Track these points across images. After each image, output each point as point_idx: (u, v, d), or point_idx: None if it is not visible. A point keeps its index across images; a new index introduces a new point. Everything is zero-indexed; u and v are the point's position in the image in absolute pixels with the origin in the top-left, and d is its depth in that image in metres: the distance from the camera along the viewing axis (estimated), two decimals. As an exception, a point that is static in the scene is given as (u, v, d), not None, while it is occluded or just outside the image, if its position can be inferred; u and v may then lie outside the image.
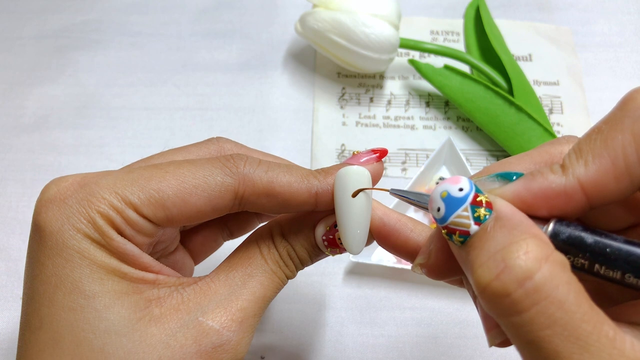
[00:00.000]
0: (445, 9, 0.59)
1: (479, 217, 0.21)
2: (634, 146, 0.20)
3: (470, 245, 0.21)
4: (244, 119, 0.53)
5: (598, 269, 0.21)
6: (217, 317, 0.25)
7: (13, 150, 0.51)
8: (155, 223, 0.26)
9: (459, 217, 0.21)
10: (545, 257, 0.19)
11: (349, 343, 0.42)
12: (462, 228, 0.21)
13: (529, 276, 0.18)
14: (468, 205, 0.21)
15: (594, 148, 0.21)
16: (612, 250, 0.20)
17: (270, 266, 0.28)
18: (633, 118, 0.20)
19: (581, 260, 0.21)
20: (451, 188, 0.22)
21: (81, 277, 0.24)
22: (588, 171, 0.20)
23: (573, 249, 0.21)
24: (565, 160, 0.21)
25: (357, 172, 0.26)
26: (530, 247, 0.19)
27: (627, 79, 0.55)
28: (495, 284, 0.19)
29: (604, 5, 0.59)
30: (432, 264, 0.25)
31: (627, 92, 0.21)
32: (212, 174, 0.26)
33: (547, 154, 0.24)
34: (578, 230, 0.21)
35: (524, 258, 0.19)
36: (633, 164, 0.20)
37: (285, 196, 0.27)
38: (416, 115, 0.53)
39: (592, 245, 0.21)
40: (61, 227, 0.24)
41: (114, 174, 0.26)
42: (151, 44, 0.57)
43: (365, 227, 0.27)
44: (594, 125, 0.22)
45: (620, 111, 0.21)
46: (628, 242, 0.20)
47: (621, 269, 0.20)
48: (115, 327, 0.24)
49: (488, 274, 0.19)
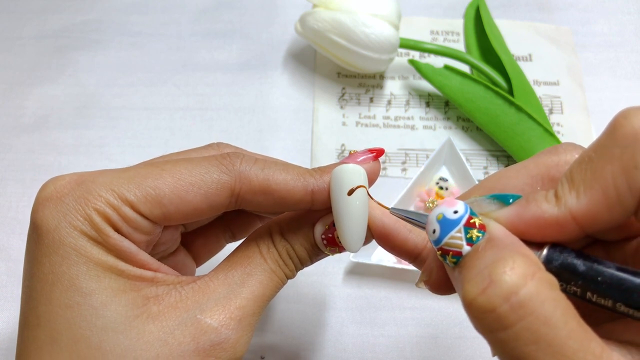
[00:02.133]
0: (445, 9, 0.59)
1: (472, 238, 0.21)
2: (624, 176, 0.20)
3: (461, 264, 0.21)
4: (244, 119, 0.53)
5: (590, 297, 0.21)
6: (216, 315, 0.25)
7: (13, 150, 0.51)
8: (152, 220, 0.26)
9: (452, 238, 0.21)
10: (531, 274, 0.19)
11: (349, 343, 0.42)
12: (455, 249, 0.21)
13: (514, 291, 0.18)
14: (462, 226, 0.21)
15: (585, 179, 0.21)
16: (604, 279, 0.20)
17: (269, 265, 0.28)
18: (622, 147, 0.20)
19: (573, 287, 0.21)
20: (447, 210, 0.22)
21: (78, 274, 0.24)
22: (580, 202, 0.21)
23: (566, 276, 0.21)
24: (559, 190, 0.21)
25: (353, 170, 0.27)
26: (517, 263, 0.19)
27: (627, 79, 0.55)
28: (481, 299, 0.19)
29: (604, 5, 0.59)
30: (434, 281, 0.25)
31: (615, 116, 0.21)
32: (209, 171, 0.26)
33: (545, 166, 0.24)
34: (571, 257, 0.21)
35: (509, 273, 0.19)
36: (624, 194, 0.20)
37: (282, 194, 0.27)
38: (416, 115, 0.53)
39: (584, 273, 0.21)
40: (58, 224, 0.24)
41: (111, 172, 0.26)
42: (151, 44, 0.57)
43: (362, 225, 0.27)
44: (585, 152, 0.22)
45: (608, 139, 0.21)
46: (621, 269, 0.20)
47: (612, 297, 0.20)
48: (112, 324, 0.24)
49: (474, 289, 0.19)
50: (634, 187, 0.19)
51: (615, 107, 0.57)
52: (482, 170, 0.50)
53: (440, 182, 0.48)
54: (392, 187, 0.48)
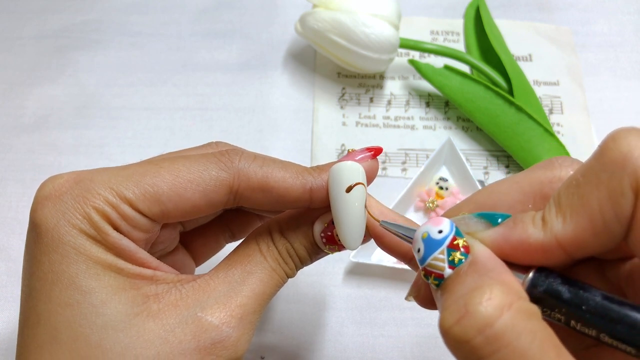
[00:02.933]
0: (445, 9, 0.59)
1: (453, 261, 0.21)
2: (611, 203, 0.19)
3: (442, 287, 0.21)
4: (244, 119, 0.53)
5: (574, 325, 0.20)
6: (217, 313, 0.25)
7: (13, 150, 0.51)
8: (151, 218, 0.26)
9: (435, 259, 0.21)
10: (508, 305, 0.18)
11: (348, 343, 0.42)
12: (437, 271, 0.21)
13: (489, 323, 0.18)
14: (445, 248, 0.21)
15: (572, 204, 0.20)
16: (589, 308, 0.20)
17: (269, 263, 0.28)
18: (609, 172, 0.19)
19: (557, 314, 0.20)
20: (431, 230, 0.22)
21: (77, 272, 0.24)
22: (566, 228, 0.20)
23: (550, 302, 0.20)
24: (546, 213, 0.21)
25: (350, 168, 0.27)
26: (494, 293, 0.19)
27: (627, 79, 0.55)
28: (456, 329, 0.19)
29: (604, 5, 0.59)
30: (423, 297, 0.25)
31: (604, 139, 0.20)
32: (207, 168, 0.26)
33: (538, 182, 0.23)
34: (556, 283, 0.21)
35: (485, 304, 0.18)
36: (611, 221, 0.19)
37: (280, 191, 0.27)
38: (416, 115, 0.53)
39: (569, 300, 0.20)
40: (57, 223, 0.24)
41: (109, 170, 0.26)
42: (151, 44, 0.57)
43: (361, 222, 0.27)
44: (573, 174, 0.21)
45: (597, 163, 0.20)
46: (607, 298, 0.20)
47: (596, 328, 0.19)
48: (112, 322, 0.24)
49: (450, 318, 0.19)
50: (620, 215, 0.19)
51: (615, 107, 0.57)
52: (482, 170, 0.50)
53: (440, 182, 0.48)
54: (392, 187, 0.48)
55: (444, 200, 0.47)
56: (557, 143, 0.48)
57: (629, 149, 0.19)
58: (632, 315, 0.19)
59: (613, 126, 0.59)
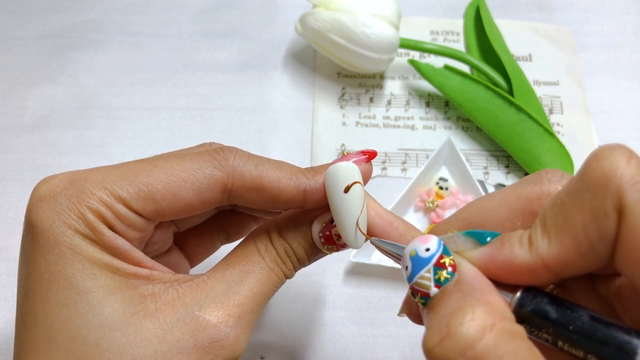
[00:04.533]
0: (445, 9, 0.59)
1: (439, 280, 0.21)
2: (594, 224, 0.19)
3: (428, 306, 0.21)
4: (244, 119, 0.53)
5: (561, 345, 0.20)
6: (214, 312, 0.25)
7: (13, 150, 0.51)
8: (145, 217, 0.26)
9: (422, 278, 0.21)
10: (490, 326, 0.18)
11: (348, 343, 0.42)
12: (423, 289, 0.21)
13: (470, 345, 0.18)
14: (431, 266, 0.21)
15: (556, 224, 0.20)
16: (576, 328, 0.19)
17: (267, 263, 0.28)
18: (592, 193, 0.19)
19: (544, 334, 0.20)
20: (419, 247, 0.22)
21: (74, 273, 0.24)
22: (551, 249, 0.20)
23: (537, 322, 0.20)
24: (532, 234, 0.21)
25: (347, 168, 0.27)
26: (476, 314, 0.19)
27: (627, 79, 0.55)
28: (438, 350, 0.19)
29: (604, 5, 0.59)
30: (414, 315, 0.25)
31: (587, 157, 0.20)
32: (201, 167, 0.26)
33: (526, 199, 0.23)
34: (544, 303, 0.20)
35: (466, 326, 0.18)
36: (595, 242, 0.19)
37: (274, 191, 0.27)
38: (416, 115, 0.53)
39: (556, 320, 0.20)
40: (52, 224, 0.24)
41: (103, 170, 0.26)
42: (151, 44, 0.57)
43: (362, 221, 0.27)
44: (558, 194, 0.21)
45: (580, 182, 0.20)
46: (594, 319, 0.19)
47: (583, 349, 0.19)
48: (109, 321, 0.24)
49: (432, 339, 0.19)
50: (605, 236, 0.19)
51: (615, 107, 0.57)
52: (482, 170, 0.50)
53: (440, 182, 0.48)
54: (392, 187, 0.48)
55: (443, 200, 0.47)
56: (557, 143, 0.48)
57: (611, 168, 0.19)
58: (620, 337, 0.19)
59: (613, 126, 0.59)
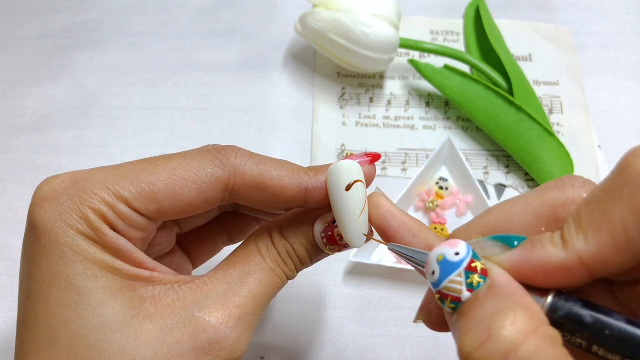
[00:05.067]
0: (445, 9, 0.59)
1: (472, 284, 0.20)
2: (634, 219, 0.19)
3: (460, 311, 0.20)
4: (244, 119, 0.53)
5: (596, 350, 0.19)
6: (214, 313, 0.25)
7: (13, 150, 0.51)
8: (148, 216, 0.26)
9: (452, 282, 0.20)
10: (532, 330, 0.18)
11: (348, 343, 0.42)
12: (454, 294, 0.20)
13: (513, 349, 0.18)
14: (462, 270, 0.20)
15: (593, 220, 0.20)
16: (612, 333, 0.19)
17: (269, 264, 0.28)
18: (632, 188, 0.19)
19: (579, 339, 0.20)
20: (448, 252, 0.21)
21: (75, 273, 0.24)
22: (588, 246, 0.20)
23: (571, 327, 0.20)
24: (565, 232, 0.20)
25: (348, 166, 0.26)
26: (518, 317, 0.18)
27: (627, 79, 0.55)
28: (478, 354, 0.18)
29: (604, 5, 0.59)
30: (434, 321, 0.25)
31: (624, 156, 0.20)
32: (203, 165, 0.26)
33: (551, 204, 0.23)
34: (577, 307, 0.20)
35: (509, 329, 0.18)
36: (634, 238, 0.19)
37: (275, 190, 0.27)
38: (416, 115, 0.53)
39: (591, 325, 0.19)
40: (54, 224, 0.24)
41: (105, 170, 0.26)
42: (151, 44, 0.57)
43: (364, 220, 0.27)
44: (593, 191, 0.21)
45: (618, 178, 0.20)
46: (630, 322, 0.19)
47: (620, 353, 0.19)
48: (110, 323, 0.24)
49: (471, 343, 0.19)
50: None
51: (615, 107, 0.57)
52: (482, 170, 0.50)
53: (440, 182, 0.48)
54: (392, 187, 0.48)
55: (443, 200, 0.47)
56: (557, 143, 0.48)
57: None
58: None
59: (613, 126, 0.59)
